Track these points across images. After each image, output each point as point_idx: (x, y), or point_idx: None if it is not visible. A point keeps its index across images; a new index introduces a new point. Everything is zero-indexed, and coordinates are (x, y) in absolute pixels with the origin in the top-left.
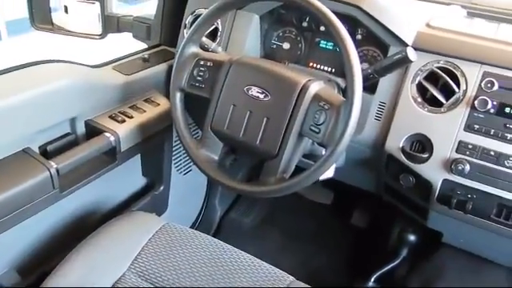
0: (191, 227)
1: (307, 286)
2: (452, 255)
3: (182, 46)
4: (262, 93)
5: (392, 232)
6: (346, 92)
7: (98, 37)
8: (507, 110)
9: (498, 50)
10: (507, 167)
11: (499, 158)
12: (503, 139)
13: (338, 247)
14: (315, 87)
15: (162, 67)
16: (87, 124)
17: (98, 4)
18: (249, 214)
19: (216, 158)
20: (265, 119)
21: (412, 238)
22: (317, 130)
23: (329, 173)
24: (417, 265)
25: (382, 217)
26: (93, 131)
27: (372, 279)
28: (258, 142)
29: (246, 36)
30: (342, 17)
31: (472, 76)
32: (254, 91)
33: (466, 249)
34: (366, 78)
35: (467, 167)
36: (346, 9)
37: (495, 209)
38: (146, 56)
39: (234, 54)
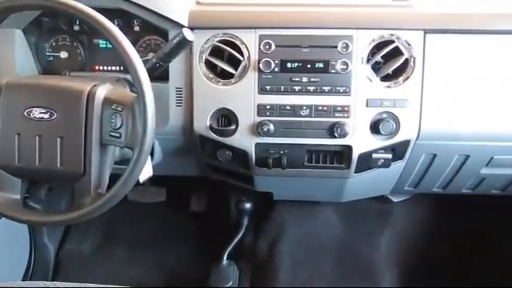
0: (24, 277)
1: None
2: (287, 209)
3: None
4: (46, 112)
5: (229, 205)
6: (135, 88)
7: None
8: (289, 65)
9: (266, 13)
10: (303, 116)
11: (295, 110)
12: (293, 92)
13: (184, 239)
14: (103, 91)
15: None
16: None
17: None
18: (86, 239)
19: (17, 196)
20: (58, 139)
21: (248, 205)
22: (117, 135)
23: (147, 172)
24: (259, 229)
25: (217, 195)
26: None
27: (225, 257)
28: (58, 165)
29: (12, 55)
30: (112, 12)
31: (250, 42)
32: (37, 113)
33: (296, 199)
34: (153, 68)
35: (271, 127)
36: (112, 3)
37: (306, 156)
38: None
39: (3, 77)
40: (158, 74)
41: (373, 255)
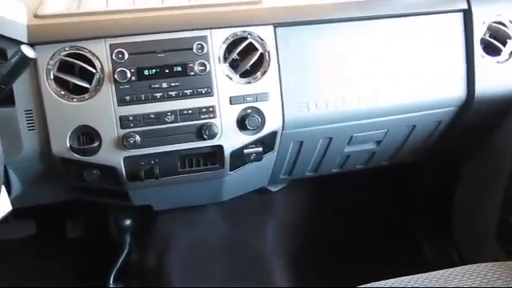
0: None
1: None
2: (170, 218)
3: None
4: None
5: (108, 225)
6: None
7: None
8: (146, 72)
9: (114, 21)
10: (169, 122)
11: (159, 117)
12: (154, 100)
13: (64, 270)
14: None
15: None
16: None
17: None
18: None
19: None
20: None
21: (127, 222)
22: None
23: (5, 207)
24: (145, 243)
25: (94, 217)
26: None
27: (111, 280)
28: None
29: None
30: None
31: (101, 53)
32: None
33: (177, 206)
34: None
35: (138, 138)
36: None
37: (178, 162)
38: None
39: None
40: (1, 98)
41: (260, 246)
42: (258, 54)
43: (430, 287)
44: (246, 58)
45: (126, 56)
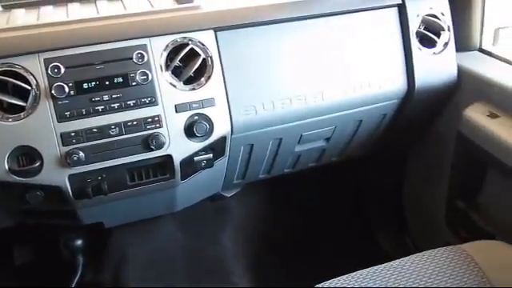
0: None
1: None
2: (124, 233)
3: None
4: None
5: (59, 248)
6: None
7: None
8: (85, 85)
9: (46, 35)
10: (114, 135)
11: (103, 131)
12: (96, 113)
13: None
14: None
15: None
16: None
17: None
18: None
19: None
20: None
21: (79, 242)
22: None
23: None
24: (100, 262)
25: (43, 240)
26: None
27: None
28: None
29: None
30: None
31: (35, 68)
32: None
33: (130, 220)
34: None
35: (82, 154)
36: None
37: (127, 175)
38: None
39: None
40: None
41: (219, 253)
42: (200, 60)
43: (388, 278)
44: (188, 65)
45: (63, 70)
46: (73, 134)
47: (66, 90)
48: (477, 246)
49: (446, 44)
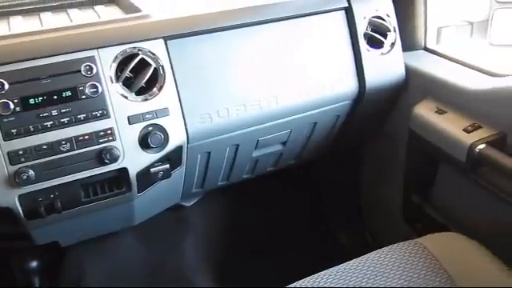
0: None
1: None
2: (81, 250)
3: None
4: None
5: (13, 270)
6: None
7: None
8: (31, 101)
9: None
10: (65, 151)
11: (53, 147)
12: (45, 129)
13: None
14: None
15: None
16: None
17: None
18: None
19: None
20: None
21: (34, 263)
22: None
23: None
24: (58, 282)
25: None
26: None
27: None
28: None
29: None
30: None
31: None
32: None
33: (87, 237)
34: None
35: (31, 173)
36: None
37: (82, 191)
38: None
39: None
40: None
41: (182, 264)
42: (151, 70)
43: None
44: (139, 75)
45: (7, 86)
46: (21, 153)
47: (11, 106)
48: (432, 238)
49: (393, 44)
